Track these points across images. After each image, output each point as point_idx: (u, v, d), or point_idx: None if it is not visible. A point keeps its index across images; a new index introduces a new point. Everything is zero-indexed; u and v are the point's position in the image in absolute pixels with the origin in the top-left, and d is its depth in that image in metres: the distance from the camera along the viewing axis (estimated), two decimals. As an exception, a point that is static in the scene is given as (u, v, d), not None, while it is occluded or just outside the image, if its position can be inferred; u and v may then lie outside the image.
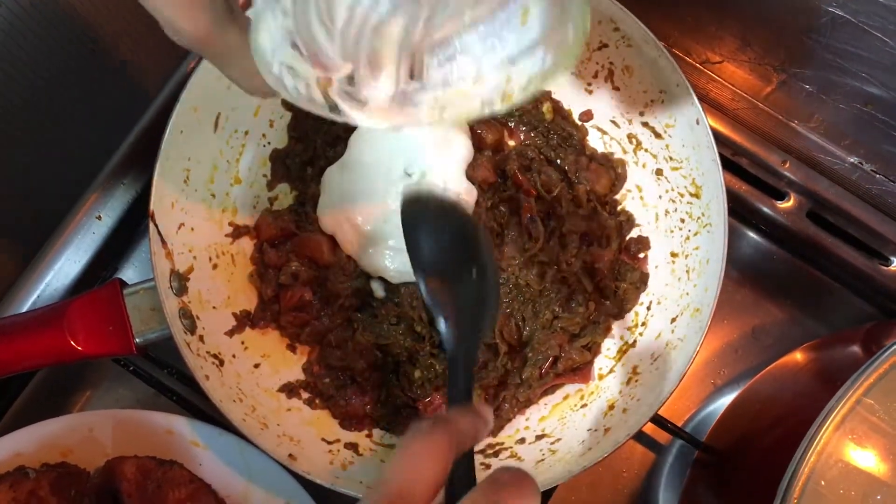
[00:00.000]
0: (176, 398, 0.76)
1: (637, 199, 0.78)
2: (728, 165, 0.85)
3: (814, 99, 0.78)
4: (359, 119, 0.43)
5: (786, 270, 0.89)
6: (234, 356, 0.72)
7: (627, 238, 0.78)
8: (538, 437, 0.73)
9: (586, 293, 0.75)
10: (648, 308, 0.75)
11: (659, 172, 0.76)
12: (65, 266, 0.77)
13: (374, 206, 0.72)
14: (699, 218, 0.72)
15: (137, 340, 0.67)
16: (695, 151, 0.71)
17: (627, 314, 0.76)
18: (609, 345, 0.76)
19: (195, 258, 0.72)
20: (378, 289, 0.75)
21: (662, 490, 0.81)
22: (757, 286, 0.88)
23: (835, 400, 0.55)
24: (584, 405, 0.74)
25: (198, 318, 0.69)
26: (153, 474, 0.68)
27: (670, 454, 0.83)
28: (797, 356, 0.77)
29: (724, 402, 0.82)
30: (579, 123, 0.80)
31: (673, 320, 0.72)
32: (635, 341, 0.75)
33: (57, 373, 0.81)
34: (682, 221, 0.74)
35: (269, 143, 0.79)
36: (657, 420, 0.75)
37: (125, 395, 0.81)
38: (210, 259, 0.73)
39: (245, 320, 0.74)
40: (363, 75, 0.41)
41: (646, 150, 0.77)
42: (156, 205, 0.67)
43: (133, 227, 0.83)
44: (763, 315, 0.87)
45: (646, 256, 0.77)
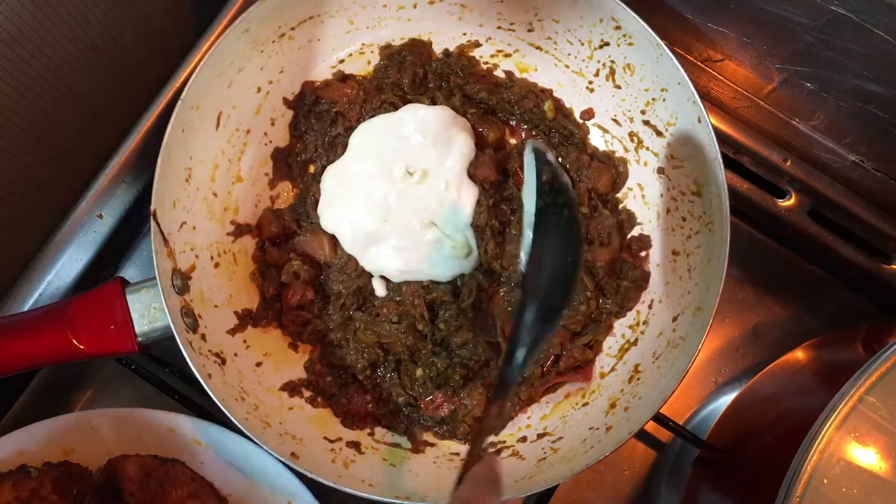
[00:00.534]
0: (178, 397, 0.76)
1: (638, 198, 0.78)
2: (729, 164, 0.85)
3: (815, 97, 0.78)
4: None
5: (787, 268, 0.89)
6: (236, 355, 0.72)
7: (629, 236, 0.78)
8: (540, 436, 0.73)
9: (588, 291, 0.75)
10: (650, 306, 0.75)
11: (660, 171, 0.76)
12: (66, 265, 0.77)
13: (376, 205, 0.73)
14: (701, 216, 0.72)
15: (139, 339, 0.67)
16: (696, 150, 0.71)
17: (629, 312, 0.76)
18: (611, 343, 0.76)
19: (197, 257, 0.72)
20: (379, 287, 0.75)
21: (664, 488, 0.81)
22: (758, 284, 0.88)
23: (837, 398, 0.55)
24: (586, 403, 0.74)
25: (200, 317, 0.69)
26: (155, 473, 0.68)
27: (672, 452, 0.83)
28: (798, 354, 0.77)
29: (726, 401, 0.82)
30: (581, 122, 0.80)
31: (674, 319, 0.72)
32: (637, 340, 0.75)
33: (59, 372, 0.81)
34: (684, 220, 0.74)
35: (271, 142, 0.79)
36: (659, 418, 0.75)
37: (127, 394, 0.81)
38: (212, 258, 0.73)
39: (247, 319, 0.74)
40: None
41: (647, 149, 0.77)
42: (157, 203, 0.67)
43: (135, 226, 0.83)
44: (764, 313, 0.87)
45: (647, 255, 0.77)
